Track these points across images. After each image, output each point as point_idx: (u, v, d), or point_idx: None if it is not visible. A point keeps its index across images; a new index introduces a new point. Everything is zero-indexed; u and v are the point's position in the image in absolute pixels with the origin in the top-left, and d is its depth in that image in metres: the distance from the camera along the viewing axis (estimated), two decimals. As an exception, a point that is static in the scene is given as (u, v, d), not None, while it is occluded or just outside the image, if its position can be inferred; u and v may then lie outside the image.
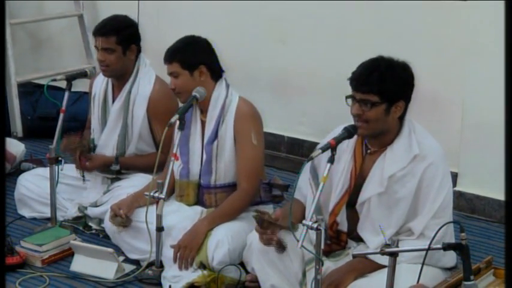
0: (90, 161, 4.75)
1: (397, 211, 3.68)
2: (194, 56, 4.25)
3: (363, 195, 3.75)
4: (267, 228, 3.69)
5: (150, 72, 4.78)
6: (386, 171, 3.69)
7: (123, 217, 4.33)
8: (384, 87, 3.63)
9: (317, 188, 3.80)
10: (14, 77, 6.37)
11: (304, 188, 3.89)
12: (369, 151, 3.78)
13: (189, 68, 4.22)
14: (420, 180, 3.65)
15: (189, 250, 4.06)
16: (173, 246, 4.10)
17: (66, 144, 4.72)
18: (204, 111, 4.30)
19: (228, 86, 4.31)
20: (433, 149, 3.72)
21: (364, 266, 3.69)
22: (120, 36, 4.66)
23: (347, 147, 3.77)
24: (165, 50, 4.28)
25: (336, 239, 3.84)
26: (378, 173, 3.72)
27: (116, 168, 4.73)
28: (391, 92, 3.65)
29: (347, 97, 3.68)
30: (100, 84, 4.85)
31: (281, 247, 3.73)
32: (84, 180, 4.81)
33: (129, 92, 4.73)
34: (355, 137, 3.71)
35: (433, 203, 3.65)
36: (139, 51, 4.77)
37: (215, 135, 4.25)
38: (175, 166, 4.28)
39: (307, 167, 3.85)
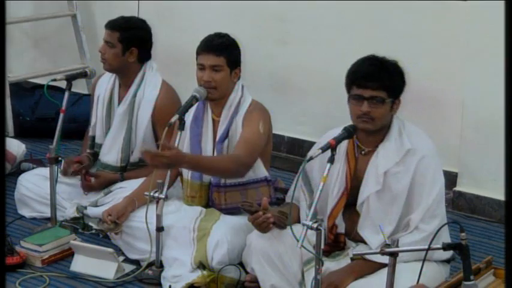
0: (95, 178, 4.71)
1: (394, 207, 3.70)
2: (238, 55, 4.25)
3: (362, 194, 3.75)
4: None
5: (157, 77, 4.73)
6: (380, 168, 3.70)
7: (108, 223, 4.33)
8: (392, 83, 3.66)
9: (309, 193, 3.81)
10: (6, 76, 6.35)
11: (296, 193, 3.86)
12: (363, 152, 3.78)
13: (231, 66, 4.20)
14: (414, 174, 3.68)
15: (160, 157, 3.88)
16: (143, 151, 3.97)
17: (66, 168, 4.66)
18: (216, 110, 4.29)
19: (243, 87, 4.30)
20: (425, 143, 3.75)
21: (364, 268, 3.69)
22: (124, 35, 4.64)
23: (339, 150, 3.73)
24: (204, 40, 4.21)
25: (334, 242, 3.84)
26: (373, 172, 3.73)
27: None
28: (397, 88, 3.69)
29: (352, 96, 3.66)
30: (106, 84, 4.81)
31: (280, 225, 3.71)
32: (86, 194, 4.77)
33: (135, 95, 4.69)
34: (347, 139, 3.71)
35: (428, 196, 3.67)
36: (145, 57, 4.71)
37: (226, 134, 4.23)
38: None
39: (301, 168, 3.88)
